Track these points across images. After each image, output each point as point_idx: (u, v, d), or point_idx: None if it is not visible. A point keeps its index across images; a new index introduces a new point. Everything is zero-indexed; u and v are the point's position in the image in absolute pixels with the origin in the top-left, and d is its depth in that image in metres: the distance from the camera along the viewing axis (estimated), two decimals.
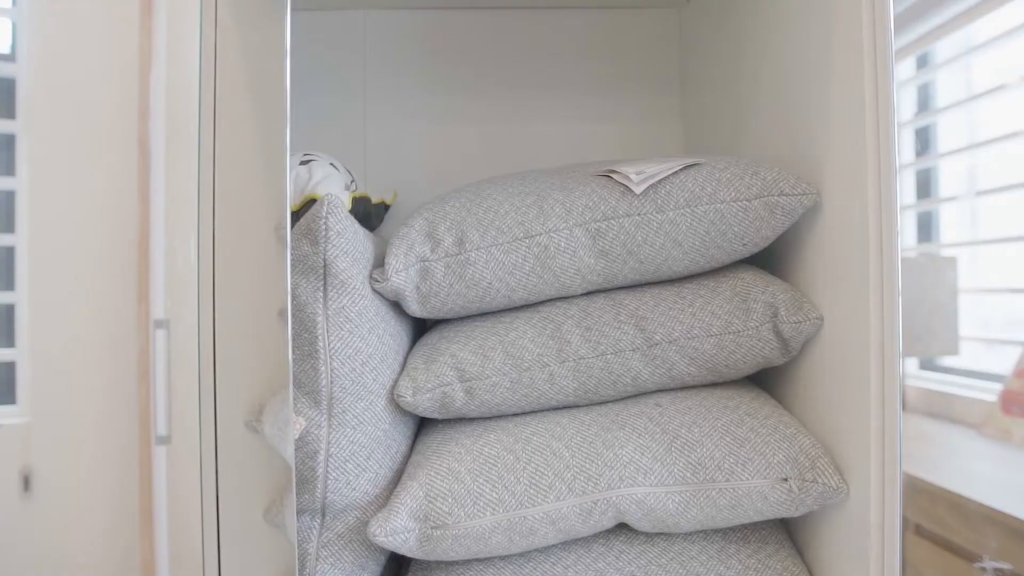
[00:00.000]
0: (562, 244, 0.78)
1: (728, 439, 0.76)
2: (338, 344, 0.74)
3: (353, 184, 0.91)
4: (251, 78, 1.09)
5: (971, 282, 0.78)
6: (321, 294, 0.74)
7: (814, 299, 0.80)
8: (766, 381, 0.90)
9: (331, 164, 0.88)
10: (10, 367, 1.54)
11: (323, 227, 0.73)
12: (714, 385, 0.84)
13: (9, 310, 1.53)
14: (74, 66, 1.51)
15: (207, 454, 1.09)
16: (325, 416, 0.75)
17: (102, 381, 1.50)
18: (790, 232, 0.85)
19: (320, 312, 0.74)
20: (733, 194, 0.78)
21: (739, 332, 0.79)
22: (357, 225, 0.78)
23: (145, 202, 1.55)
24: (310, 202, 0.83)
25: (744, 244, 0.80)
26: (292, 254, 0.85)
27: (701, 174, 0.79)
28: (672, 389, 0.83)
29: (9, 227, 1.52)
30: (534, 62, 1.22)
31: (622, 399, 0.83)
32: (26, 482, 1.52)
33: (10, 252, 1.52)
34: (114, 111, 1.49)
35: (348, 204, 0.84)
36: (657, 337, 0.79)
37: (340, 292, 0.74)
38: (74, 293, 1.48)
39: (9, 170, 1.54)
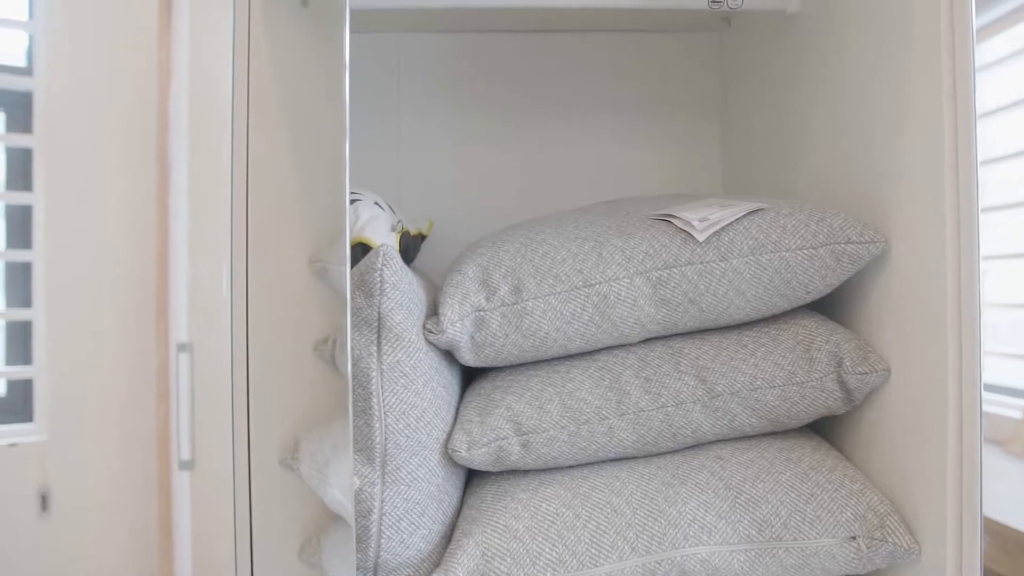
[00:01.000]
0: (622, 293, 0.76)
1: (793, 495, 0.73)
2: (393, 400, 0.71)
3: (399, 223, 0.88)
4: (285, 102, 1.06)
5: (994, 296, 0.75)
6: (375, 348, 0.72)
7: (879, 347, 0.78)
8: (824, 427, 0.87)
9: (376, 203, 0.85)
10: (27, 384, 1.51)
11: (378, 279, 0.71)
12: (773, 434, 0.82)
13: (26, 327, 1.50)
14: (91, 80, 1.47)
15: (240, 487, 1.06)
16: (379, 473, 0.72)
17: (120, 400, 1.47)
18: (852, 276, 0.82)
19: (374, 367, 0.71)
20: (799, 242, 0.75)
21: (802, 383, 0.77)
22: (411, 274, 0.75)
23: (164, 219, 1.52)
24: (358, 245, 0.80)
25: (808, 292, 0.78)
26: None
27: (765, 221, 0.77)
28: (731, 439, 0.81)
29: (26, 243, 1.48)
30: (569, 85, 1.19)
31: (680, 449, 0.80)
32: (44, 501, 1.49)
33: (27, 268, 1.48)
34: (132, 125, 1.45)
35: (397, 247, 0.81)
36: (719, 389, 0.76)
37: (395, 346, 0.72)
38: (92, 310, 1.45)
39: (26, 185, 1.50)
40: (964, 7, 0.67)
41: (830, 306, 0.85)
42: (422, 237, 1.04)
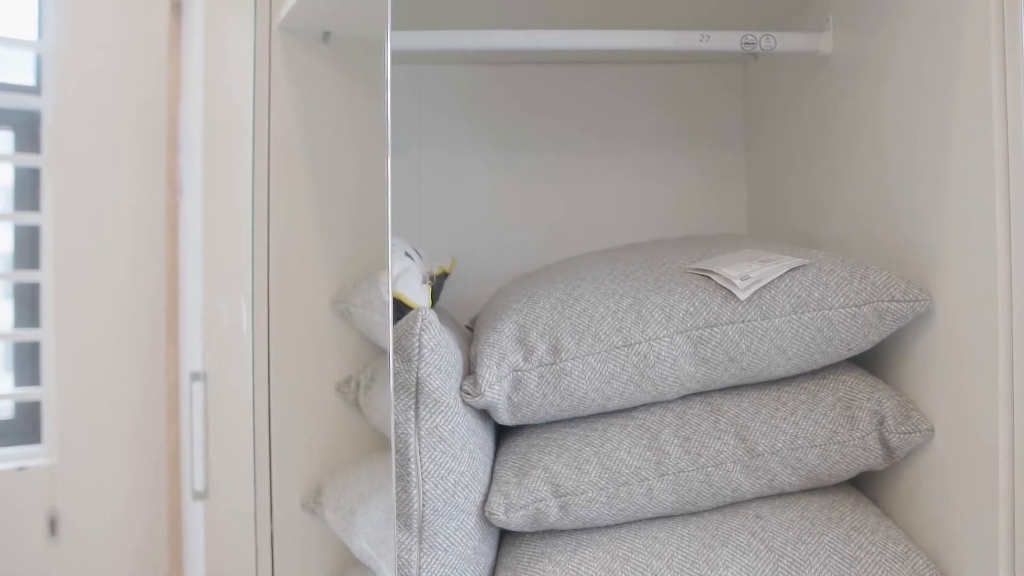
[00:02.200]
0: (662, 352, 0.74)
1: (836, 558, 0.72)
2: (431, 466, 0.70)
3: (429, 275, 0.86)
4: (305, 137, 1.04)
5: None
6: (413, 413, 0.70)
7: (920, 402, 0.77)
8: (861, 478, 0.86)
9: (406, 253, 0.84)
10: (35, 406, 1.49)
11: (416, 344, 0.69)
12: (812, 490, 0.81)
13: (34, 348, 1.48)
14: (100, 100, 1.44)
15: (261, 526, 1.05)
16: (416, 539, 0.71)
17: (131, 424, 1.45)
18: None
19: (412, 432, 0.70)
20: (841, 300, 0.74)
21: (844, 442, 0.75)
22: (447, 334, 0.74)
23: (174, 242, 1.50)
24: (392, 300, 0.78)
25: (849, 349, 0.77)
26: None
27: (807, 278, 0.75)
28: (770, 496, 0.79)
29: (34, 263, 1.46)
30: (592, 117, 1.17)
31: (719, 507, 0.79)
32: (52, 525, 1.47)
33: (35, 288, 1.46)
34: (141, 146, 1.43)
35: (428, 301, 0.79)
36: (760, 448, 0.75)
37: (433, 411, 0.70)
38: (101, 331, 1.42)
39: (34, 205, 1.48)
40: (1018, 49, 0.65)
41: (869, 358, 0.84)
42: (445, 275, 1.03)
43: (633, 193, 1.17)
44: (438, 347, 0.70)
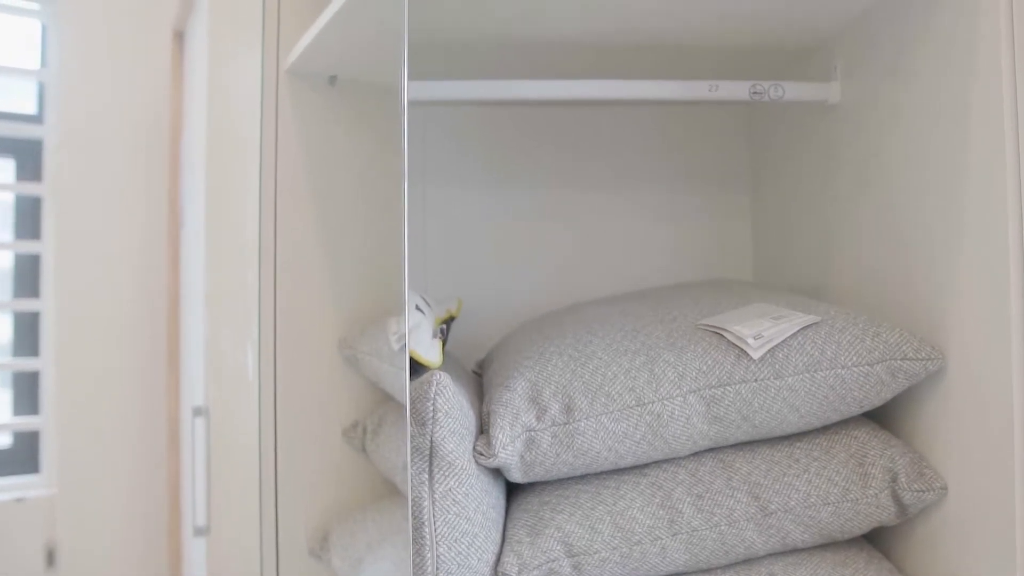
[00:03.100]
0: (676, 412, 0.74)
1: None
2: (444, 529, 0.70)
3: (439, 330, 0.86)
4: (312, 179, 1.03)
5: None
6: (427, 476, 0.70)
7: (934, 460, 0.77)
8: (874, 534, 0.86)
9: (416, 307, 0.83)
10: (34, 436, 1.47)
11: (431, 409, 0.69)
12: (824, 546, 0.80)
13: (33, 377, 1.46)
14: (102, 129, 1.43)
15: (267, 566, 1.04)
16: None
17: (131, 456, 1.44)
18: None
19: (426, 496, 0.70)
20: (854, 358, 0.74)
21: (857, 500, 0.75)
22: (461, 396, 0.73)
23: (175, 270, 1.49)
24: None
25: (862, 406, 0.77)
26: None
27: (819, 335, 0.75)
28: (782, 553, 0.79)
29: (35, 291, 1.45)
30: (598, 157, 1.17)
31: (731, 564, 0.79)
32: (50, 557, 1.46)
33: (35, 317, 1.44)
34: (143, 176, 1.42)
35: (440, 357, 0.79)
36: (773, 507, 0.75)
37: (447, 474, 0.70)
38: (101, 362, 1.41)
39: (35, 233, 1.47)
40: None
41: (881, 411, 0.84)
42: (452, 319, 1.02)
43: (640, 233, 1.17)
44: (452, 411, 0.70)
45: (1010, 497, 0.67)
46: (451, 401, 0.70)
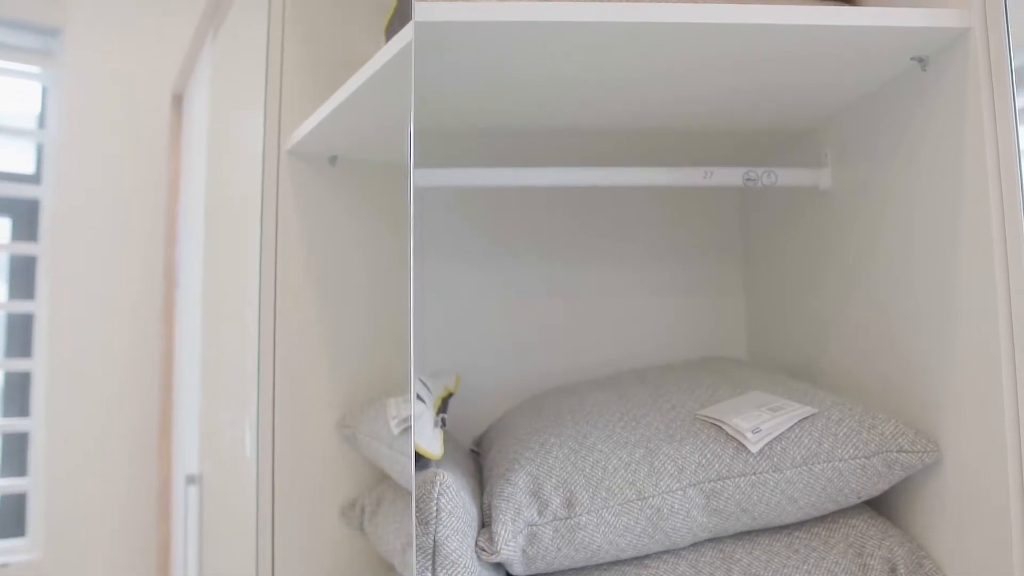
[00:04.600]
0: (676, 505, 0.75)
1: None
2: None
3: (440, 419, 0.87)
4: (311, 257, 1.04)
5: None
6: (430, 574, 0.70)
7: (932, 549, 0.77)
8: None
9: (418, 395, 0.84)
10: (20, 499, 1.45)
11: (434, 509, 0.69)
12: None
13: (22, 439, 1.45)
14: (99, 189, 1.44)
15: None
16: None
17: (119, 521, 1.42)
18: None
19: None
20: (851, 451, 0.75)
21: None
22: (464, 494, 0.74)
23: (169, 338, 1.48)
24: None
25: (859, 496, 0.77)
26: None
27: (816, 428, 0.76)
28: None
29: (26, 351, 1.44)
30: (594, 232, 1.19)
31: None
32: None
33: (25, 377, 1.43)
34: (139, 237, 1.43)
35: (441, 448, 0.79)
36: None
37: (450, 571, 0.70)
38: (92, 423, 1.40)
39: (28, 293, 1.46)
40: (1015, 188, 0.66)
41: (879, 497, 0.85)
42: (450, 395, 1.03)
43: (636, 308, 1.18)
44: (455, 510, 0.70)
45: None
46: (454, 500, 0.70)
